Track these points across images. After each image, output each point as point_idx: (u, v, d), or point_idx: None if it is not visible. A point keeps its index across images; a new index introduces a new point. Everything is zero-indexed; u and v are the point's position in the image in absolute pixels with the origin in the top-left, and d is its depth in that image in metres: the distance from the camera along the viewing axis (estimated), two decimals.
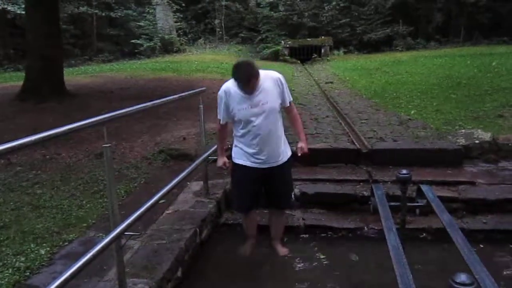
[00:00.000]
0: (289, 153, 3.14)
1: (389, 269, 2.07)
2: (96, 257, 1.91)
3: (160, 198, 2.67)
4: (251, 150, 2.97)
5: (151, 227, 3.28)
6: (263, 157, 2.97)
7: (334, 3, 24.11)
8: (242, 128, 2.96)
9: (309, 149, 3.05)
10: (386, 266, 2.29)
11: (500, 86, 8.63)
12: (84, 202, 3.97)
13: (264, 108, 2.87)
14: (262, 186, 3.17)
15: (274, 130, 2.96)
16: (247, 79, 2.75)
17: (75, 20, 22.66)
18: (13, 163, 5.09)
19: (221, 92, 2.98)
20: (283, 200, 3.24)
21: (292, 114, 3.13)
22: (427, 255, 3.23)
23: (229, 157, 3.21)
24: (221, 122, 3.08)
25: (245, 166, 3.03)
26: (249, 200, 3.19)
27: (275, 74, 2.98)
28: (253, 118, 2.88)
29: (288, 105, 3.04)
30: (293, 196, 3.30)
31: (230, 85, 2.93)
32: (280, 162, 3.04)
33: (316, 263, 3.22)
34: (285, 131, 3.13)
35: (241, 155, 3.05)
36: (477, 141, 4.81)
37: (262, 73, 2.90)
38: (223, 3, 25.87)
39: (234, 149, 3.13)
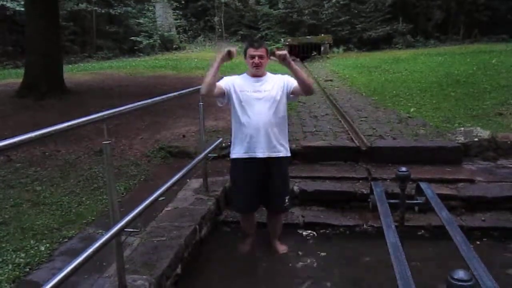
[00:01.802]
0: (288, 154, 3.16)
1: (388, 266, 2.08)
2: (96, 253, 1.92)
3: (159, 195, 2.67)
4: (248, 137, 2.99)
5: (151, 224, 3.28)
6: (260, 145, 2.99)
7: (333, 0, 24.06)
8: (241, 112, 3.01)
9: (308, 146, 3.04)
10: (385, 263, 2.30)
11: (499, 84, 8.63)
12: (83, 198, 3.98)
13: (266, 94, 3.01)
14: (260, 187, 3.14)
15: (273, 120, 3.01)
16: (259, 41, 3.12)
17: (75, 17, 22.57)
18: (12, 160, 5.10)
19: (229, 77, 3.15)
20: (280, 201, 3.21)
21: None
22: (426, 252, 3.24)
23: (228, 155, 3.20)
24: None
25: (243, 161, 3.06)
26: (248, 200, 3.20)
27: (284, 75, 3.18)
28: (254, 102, 2.98)
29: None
30: (287, 200, 3.23)
31: (238, 76, 3.15)
32: (276, 155, 3.05)
33: (315, 260, 3.23)
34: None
35: (239, 148, 3.07)
36: (476, 139, 4.82)
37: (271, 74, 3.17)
38: (223, 0, 25.80)
39: (233, 143, 3.16)
